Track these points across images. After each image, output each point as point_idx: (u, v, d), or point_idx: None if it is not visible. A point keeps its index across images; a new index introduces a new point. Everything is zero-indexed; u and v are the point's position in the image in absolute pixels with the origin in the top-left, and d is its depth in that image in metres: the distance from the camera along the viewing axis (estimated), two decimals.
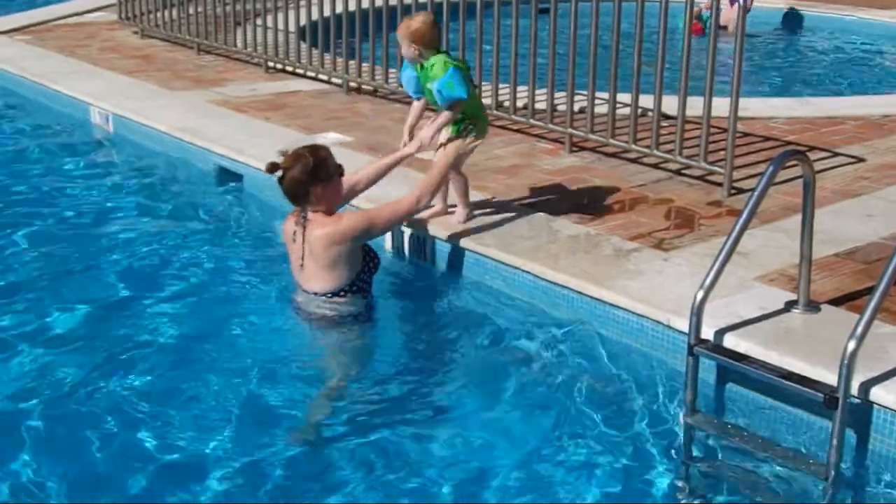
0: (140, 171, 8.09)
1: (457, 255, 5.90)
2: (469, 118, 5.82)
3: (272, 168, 5.15)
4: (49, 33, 12.73)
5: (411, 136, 5.94)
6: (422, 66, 5.75)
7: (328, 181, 5.18)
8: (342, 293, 5.25)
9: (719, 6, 6.95)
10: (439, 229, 6.00)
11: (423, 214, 6.03)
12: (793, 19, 15.84)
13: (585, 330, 5.25)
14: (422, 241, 6.08)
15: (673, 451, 4.45)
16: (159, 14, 12.06)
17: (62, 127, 9.29)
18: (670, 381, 4.81)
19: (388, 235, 6.22)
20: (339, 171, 5.27)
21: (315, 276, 5.23)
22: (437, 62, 5.67)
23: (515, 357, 5.16)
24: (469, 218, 6.04)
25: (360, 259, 5.29)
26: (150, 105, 9.04)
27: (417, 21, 5.70)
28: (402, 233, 6.17)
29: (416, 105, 6.05)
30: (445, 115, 5.74)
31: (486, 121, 6.11)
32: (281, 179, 5.16)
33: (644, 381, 4.88)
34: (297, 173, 5.10)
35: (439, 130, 5.77)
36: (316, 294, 5.25)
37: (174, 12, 11.84)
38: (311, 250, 5.17)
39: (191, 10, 11.55)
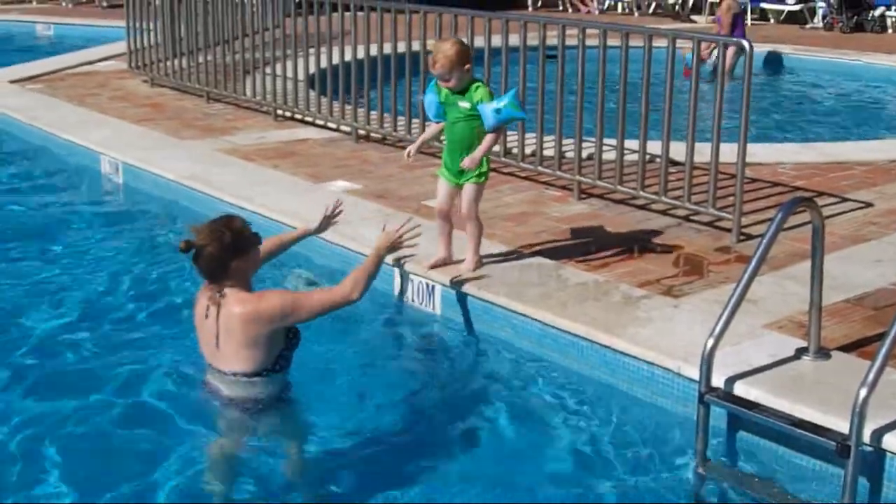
0: (149, 219, 8.11)
1: (465, 302, 5.89)
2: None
3: (186, 247, 4.69)
4: (60, 82, 12.82)
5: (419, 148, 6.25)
6: (451, 91, 5.84)
7: (245, 253, 4.78)
8: (263, 373, 4.77)
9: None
10: (447, 276, 6.00)
11: (429, 263, 6.03)
12: (773, 62, 15.94)
13: (595, 378, 5.23)
14: (430, 289, 6.08)
15: (684, 500, 4.42)
16: (169, 63, 12.14)
17: (72, 176, 9.33)
18: (681, 430, 4.78)
19: (396, 282, 6.22)
20: (256, 240, 4.89)
21: (232, 355, 4.74)
22: (480, 86, 5.86)
23: (524, 406, 5.14)
24: (478, 266, 6.04)
25: (282, 337, 4.81)
26: (159, 154, 9.09)
27: (456, 44, 5.85)
28: (411, 280, 6.16)
29: (435, 126, 6.23)
30: (490, 138, 5.83)
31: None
32: (196, 258, 4.71)
33: (654, 429, 4.86)
34: (214, 249, 4.67)
35: (485, 154, 5.86)
36: (235, 374, 4.76)
37: (184, 61, 11.91)
38: (228, 328, 4.70)
39: (200, 59, 11.62)
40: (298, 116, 10.42)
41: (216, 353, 4.79)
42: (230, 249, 4.68)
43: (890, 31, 19.04)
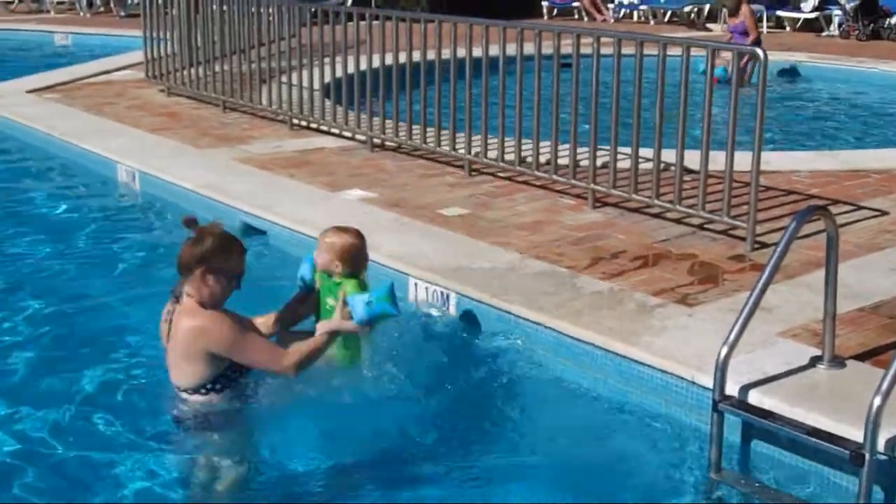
0: (165, 228, 8.14)
1: (479, 310, 5.91)
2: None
3: (188, 223, 4.71)
4: (78, 91, 12.90)
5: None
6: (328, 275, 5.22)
7: (215, 273, 4.64)
8: (203, 390, 4.73)
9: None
10: (462, 284, 6.02)
11: None
12: (790, 72, 15.93)
13: (609, 387, 5.24)
14: (444, 297, 6.09)
15: None
16: (185, 72, 12.21)
17: (89, 184, 9.38)
18: (695, 438, 4.79)
19: (411, 289, 6.24)
20: (235, 278, 4.73)
21: (174, 365, 4.75)
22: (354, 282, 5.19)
23: (538, 414, 5.15)
24: None
25: (226, 360, 4.74)
26: (175, 162, 9.14)
27: (352, 237, 5.24)
28: (425, 287, 6.18)
29: (300, 294, 5.37)
30: (353, 326, 5.03)
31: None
32: (183, 243, 4.71)
33: (669, 437, 4.87)
34: (194, 246, 4.63)
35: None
36: (178, 388, 4.76)
37: (200, 70, 11.97)
38: (174, 337, 4.70)
39: (217, 69, 11.68)
40: (314, 125, 10.46)
41: (166, 360, 4.80)
42: (202, 256, 4.61)
43: None
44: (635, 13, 22.73)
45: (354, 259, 5.20)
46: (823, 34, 19.80)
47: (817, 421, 4.37)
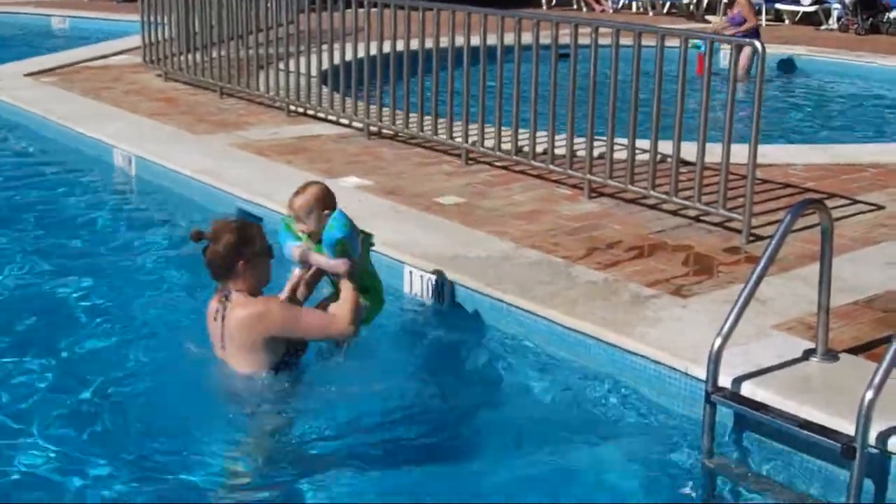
0: (161, 213, 8.15)
1: (474, 299, 5.91)
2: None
3: (197, 236, 4.79)
4: (75, 75, 12.88)
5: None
6: (308, 237, 5.13)
7: (253, 259, 4.79)
8: (264, 375, 4.86)
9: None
10: (457, 273, 6.02)
11: None
12: (787, 65, 15.93)
13: (602, 377, 5.25)
14: (439, 285, 6.10)
15: (689, 499, 4.44)
16: (183, 58, 12.19)
17: (85, 168, 9.37)
18: (688, 429, 4.80)
19: (407, 278, 6.25)
20: (268, 252, 4.89)
21: (235, 357, 4.84)
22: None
23: (531, 404, 5.16)
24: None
25: (283, 345, 4.89)
26: (172, 148, 9.13)
27: (316, 188, 5.22)
28: (420, 276, 6.19)
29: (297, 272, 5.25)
30: (347, 290, 4.97)
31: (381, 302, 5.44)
32: (204, 251, 4.80)
33: (661, 428, 4.88)
34: (221, 247, 4.73)
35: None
36: (237, 375, 4.86)
37: (198, 56, 11.96)
38: (231, 331, 4.79)
39: (214, 54, 11.66)
40: (311, 112, 10.45)
41: (223, 354, 4.89)
42: (235, 250, 4.74)
43: None
44: (634, 4, 22.71)
45: (315, 210, 5.10)
46: (822, 28, 19.78)
47: (810, 414, 4.38)
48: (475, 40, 8.35)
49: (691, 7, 21.59)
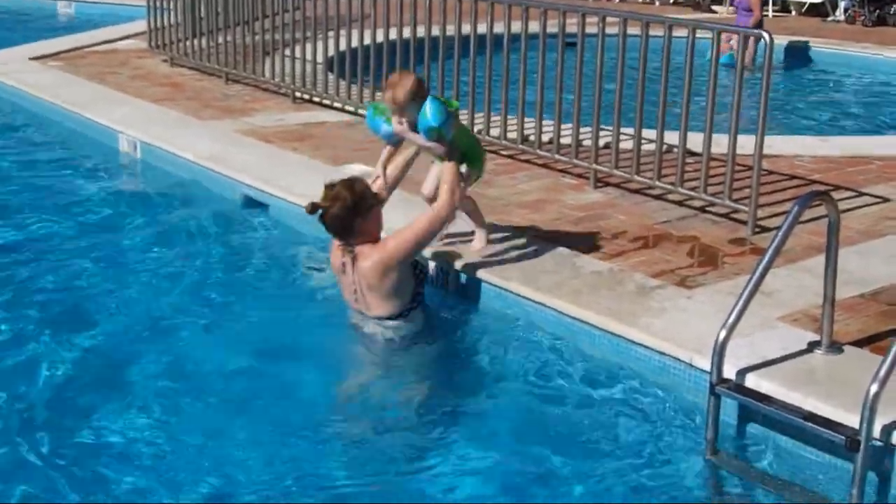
0: (166, 198, 8.14)
1: (479, 288, 5.91)
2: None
3: (313, 208, 5.31)
4: (81, 60, 12.86)
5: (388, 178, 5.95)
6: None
7: (368, 213, 5.35)
8: (405, 313, 5.48)
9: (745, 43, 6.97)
10: (462, 262, 6.02)
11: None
12: (794, 54, 15.86)
13: (607, 367, 5.25)
14: (445, 273, 6.10)
15: (693, 490, 4.44)
16: (189, 43, 12.17)
17: (91, 153, 9.36)
18: (692, 420, 4.80)
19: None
20: (376, 200, 5.47)
21: (374, 304, 5.43)
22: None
23: (535, 393, 5.16)
24: (487, 238, 6.10)
25: (411, 276, 5.50)
26: (177, 133, 9.12)
27: (410, 81, 5.59)
28: (425, 264, 6.18)
29: (389, 149, 5.95)
30: (449, 170, 5.66)
31: (481, 160, 6.09)
32: (322, 218, 5.33)
33: (666, 419, 4.88)
34: (338, 211, 5.27)
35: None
36: (380, 318, 5.46)
37: (203, 42, 11.94)
38: (367, 281, 5.36)
39: (220, 40, 11.64)
40: (317, 99, 10.43)
41: (360, 302, 5.48)
42: (352, 211, 5.28)
43: None
44: None
45: (406, 100, 5.55)
46: (829, 19, 19.72)
47: (814, 406, 4.38)
48: (482, 28, 8.33)
49: None
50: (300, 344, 5.58)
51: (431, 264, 6.15)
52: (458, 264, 6.04)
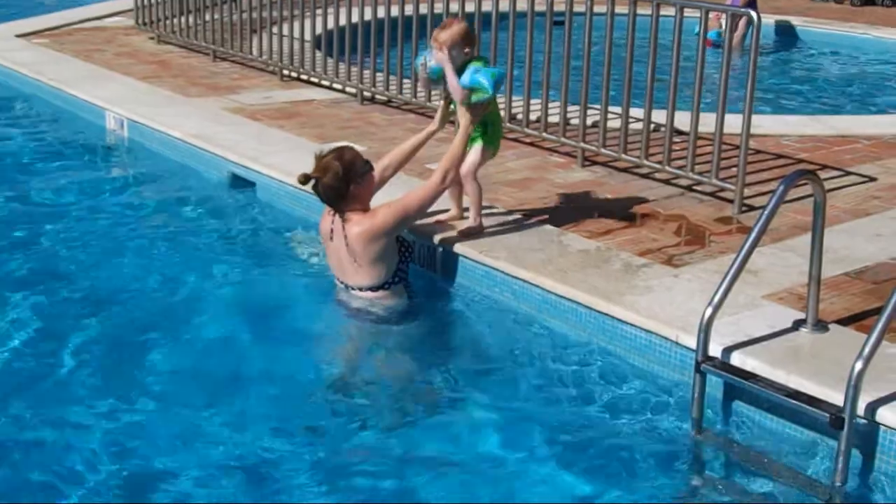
0: (153, 176, 8.13)
1: (466, 266, 5.92)
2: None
3: (305, 179, 5.40)
4: (67, 37, 12.79)
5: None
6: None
7: (360, 180, 5.46)
8: (385, 286, 5.54)
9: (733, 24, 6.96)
10: (448, 240, 6.02)
11: (441, 217, 6.07)
12: (783, 33, 15.85)
13: (593, 345, 5.26)
14: (431, 252, 6.10)
15: (678, 468, 4.46)
16: (175, 20, 12.11)
17: (77, 131, 9.33)
18: (677, 398, 4.82)
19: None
20: (369, 167, 5.56)
21: (357, 272, 5.50)
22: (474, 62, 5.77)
23: (521, 371, 5.17)
24: (479, 228, 6.06)
25: (396, 250, 5.57)
26: (164, 111, 9.09)
27: (461, 26, 5.82)
28: (413, 242, 6.18)
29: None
30: (455, 84, 5.77)
31: (498, 139, 6.22)
32: (315, 188, 5.43)
33: (651, 397, 4.89)
34: (330, 180, 5.36)
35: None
36: (360, 289, 5.53)
37: (190, 19, 11.88)
38: (352, 248, 5.44)
39: (207, 17, 11.59)
40: (304, 77, 10.40)
41: (343, 271, 5.57)
42: (344, 179, 5.37)
43: None
44: None
45: (461, 44, 5.70)
46: None
47: (799, 384, 4.40)
48: (470, 6, 8.30)
49: None
50: (285, 322, 5.60)
51: (418, 242, 6.14)
52: (443, 242, 6.03)
